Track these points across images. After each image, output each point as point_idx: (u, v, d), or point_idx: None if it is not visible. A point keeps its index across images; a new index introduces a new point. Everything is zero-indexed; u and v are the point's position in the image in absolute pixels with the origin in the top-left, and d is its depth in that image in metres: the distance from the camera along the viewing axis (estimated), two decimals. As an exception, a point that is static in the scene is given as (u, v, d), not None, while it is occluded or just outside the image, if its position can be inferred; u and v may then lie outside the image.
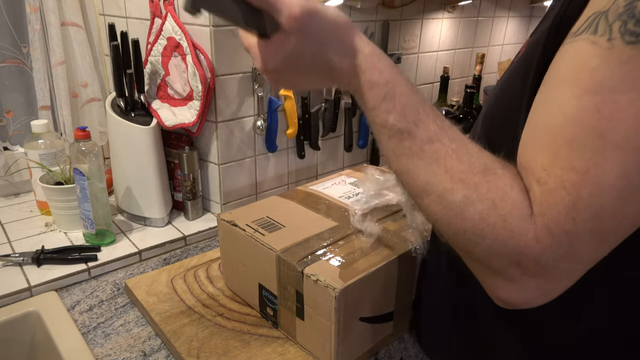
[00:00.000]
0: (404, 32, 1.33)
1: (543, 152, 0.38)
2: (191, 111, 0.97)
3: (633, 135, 0.34)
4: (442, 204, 0.42)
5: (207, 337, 0.70)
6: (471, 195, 0.40)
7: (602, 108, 0.35)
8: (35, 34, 1.03)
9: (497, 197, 0.39)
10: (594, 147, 0.35)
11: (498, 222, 0.38)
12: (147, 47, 1.00)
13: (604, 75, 0.35)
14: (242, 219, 0.75)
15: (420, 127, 0.43)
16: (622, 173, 0.34)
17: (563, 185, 0.36)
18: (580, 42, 0.37)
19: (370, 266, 0.64)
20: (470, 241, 0.40)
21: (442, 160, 0.42)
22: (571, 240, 0.36)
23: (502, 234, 0.38)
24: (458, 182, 0.41)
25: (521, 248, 0.37)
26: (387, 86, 0.45)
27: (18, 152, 1.13)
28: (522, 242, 0.37)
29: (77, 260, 0.87)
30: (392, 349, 0.73)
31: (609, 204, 0.35)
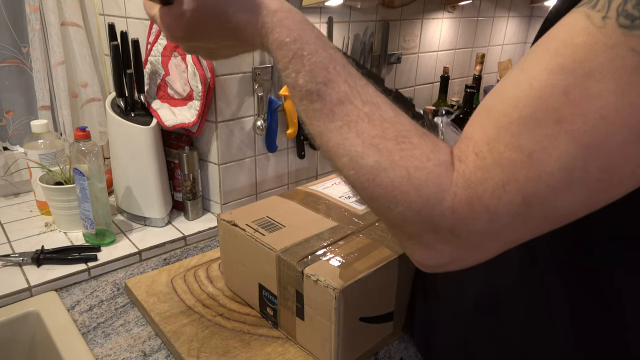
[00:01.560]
0: (404, 32, 1.34)
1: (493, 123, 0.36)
2: (191, 111, 0.97)
3: (591, 129, 0.32)
4: (354, 168, 0.40)
5: (207, 337, 0.70)
6: (383, 162, 0.38)
7: (571, 91, 0.32)
8: (35, 34, 1.03)
9: (411, 165, 0.37)
10: (548, 131, 0.33)
11: (411, 190, 0.37)
12: (147, 47, 1.00)
13: (585, 55, 0.32)
14: (242, 219, 0.75)
15: (330, 87, 0.41)
16: (566, 166, 0.33)
17: (500, 162, 0.34)
18: (576, 14, 0.34)
19: (370, 266, 0.64)
20: (383, 207, 0.39)
21: (354, 123, 0.40)
22: (491, 218, 0.35)
23: (415, 203, 0.37)
24: (370, 147, 0.39)
25: (435, 217, 0.36)
26: (295, 44, 0.42)
27: (18, 152, 1.13)
28: (436, 211, 0.36)
29: (77, 260, 0.87)
30: (392, 349, 0.73)
31: (542, 192, 0.34)
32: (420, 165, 0.37)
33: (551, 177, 0.33)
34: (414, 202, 0.37)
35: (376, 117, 0.40)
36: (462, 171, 0.36)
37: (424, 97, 1.51)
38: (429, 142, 0.39)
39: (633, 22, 0.31)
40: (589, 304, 0.47)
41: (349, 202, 0.82)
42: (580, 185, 0.33)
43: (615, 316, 0.46)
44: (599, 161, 0.32)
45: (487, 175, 0.35)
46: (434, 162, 0.37)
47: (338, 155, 0.41)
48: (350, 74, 0.42)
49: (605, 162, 0.32)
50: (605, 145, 0.32)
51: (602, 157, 0.32)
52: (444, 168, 0.37)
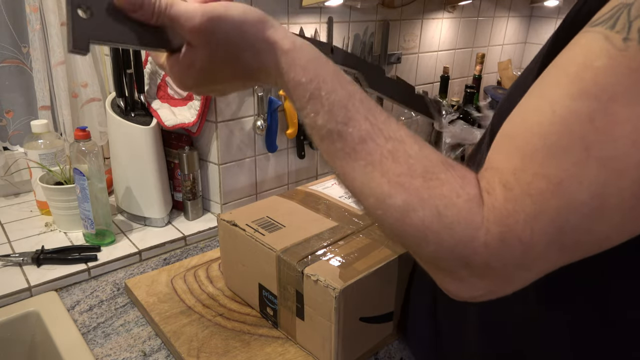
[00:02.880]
0: (404, 32, 1.34)
1: (517, 152, 0.35)
2: (191, 111, 0.97)
3: (622, 155, 0.31)
4: (381, 209, 0.39)
5: (207, 337, 0.70)
6: (412, 201, 0.37)
7: (596, 117, 0.31)
8: (35, 34, 1.03)
9: (440, 204, 0.36)
10: (576, 158, 0.32)
11: (442, 229, 0.36)
12: (147, 47, 1.00)
13: (609, 79, 0.31)
14: (242, 219, 0.75)
15: (350, 126, 0.40)
16: (599, 193, 0.32)
17: (529, 192, 0.33)
18: (593, 34, 0.33)
19: (370, 266, 0.64)
20: (415, 245, 0.39)
21: (378, 162, 0.39)
22: (525, 250, 0.34)
23: (448, 241, 0.36)
24: (396, 186, 0.38)
25: (469, 254, 0.35)
26: (311, 84, 0.41)
27: (18, 152, 1.13)
28: (469, 249, 0.35)
29: (77, 260, 0.87)
30: (392, 349, 0.73)
31: (575, 220, 0.33)
32: (449, 203, 0.36)
33: (584, 206, 0.32)
34: (445, 241, 0.36)
35: (400, 154, 0.39)
36: (491, 205, 0.35)
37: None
38: (456, 176, 0.38)
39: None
40: (590, 317, 0.47)
41: (349, 202, 0.82)
42: (615, 212, 0.32)
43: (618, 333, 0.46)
44: (633, 188, 0.31)
45: (517, 207, 0.34)
46: (463, 198, 0.36)
47: (364, 196, 0.40)
48: (370, 110, 0.41)
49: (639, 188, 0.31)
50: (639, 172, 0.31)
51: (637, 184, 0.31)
52: (474, 203, 0.36)
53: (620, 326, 0.46)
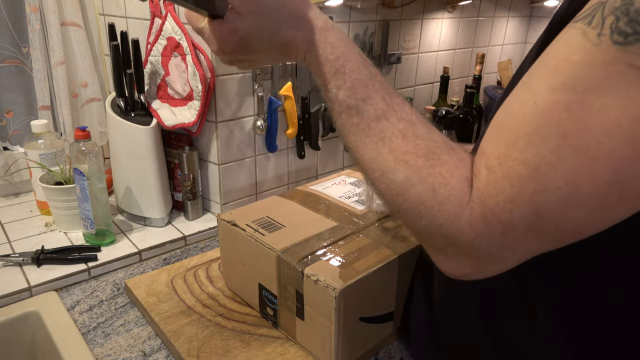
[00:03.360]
0: (404, 32, 1.34)
1: (502, 139, 0.37)
2: (191, 111, 0.97)
3: (595, 143, 0.32)
4: (385, 182, 0.42)
5: (207, 337, 0.70)
6: (412, 177, 0.40)
7: (572, 107, 0.33)
8: (35, 34, 1.03)
9: (436, 182, 0.39)
10: (552, 145, 0.34)
11: (435, 206, 0.39)
12: (147, 47, 1.00)
13: (584, 72, 0.33)
14: (242, 219, 0.75)
15: (368, 103, 0.43)
16: (572, 178, 0.33)
17: (509, 176, 0.36)
18: (574, 30, 0.35)
19: (370, 266, 0.64)
20: (410, 219, 0.42)
21: (388, 139, 0.42)
22: (505, 231, 0.36)
23: (438, 218, 0.39)
24: (401, 163, 0.41)
25: (454, 232, 0.38)
26: (338, 61, 0.44)
27: (18, 152, 1.13)
28: (455, 227, 0.38)
29: (77, 260, 0.87)
30: (392, 349, 0.73)
31: (551, 204, 0.34)
32: (444, 181, 0.39)
33: (559, 190, 0.34)
34: (436, 217, 0.39)
35: (409, 134, 0.42)
36: (476, 186, 0.38)
37: (424, 97, 1.51)
38: (455, 158, 0.41)
39: (626, 38, 0.31)
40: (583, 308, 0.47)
41: (349, 202, 0.82)
42: (590, 198, 0.34)
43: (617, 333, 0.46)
44: (606, 175, 0.33)
45: (498, 189, 0.36)
46: (456, 177, 0.39)
47: (371, 169, 0.44)
48: (388, 92, 0.44)
49: (613, 176, 0.33)
50: (611, 160, 0.32)
51: (610, 171, 0.33)
52: (466, 184, 0.39)
53: (620, 326, 0.46)
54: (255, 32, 0.45)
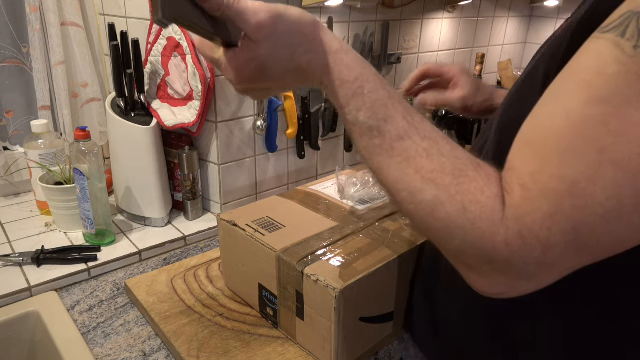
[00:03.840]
0: (404, 32, 1.33)
1: (534, 156, 0.36)
2: (191, 111, 0.97)
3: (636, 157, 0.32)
4: (413, 203, 0.41)
5: (207, 337, 0.70)
6: (441, 196, 0.39)
7: (609, 121, 0.32)
8: (35, 34, 1.03)
9: (466, 200, 0.38)
10: (590, 160, 0.33)
11: (467, 224, 0.38)
12: (147, 47, 1.00)
13: (620, 85, 0.32)
14: (242, 219, 0.75)
15: (389, 123, 0.43)
16: (614, 194, 0.33)
17: (545, 193, 0.35)
18: (603, 41, 0.34)
19: (370, 266, 0.64)
20: (441, 239, 0.41)
21: (412, 159, 0.41)
22: (544, 249, 0.35)
23: (470, 236, 0.38)
24: (428, 182, 0.40)
25: (489, 250, 0.37)
26: (356, 83, 0.44)
27: (18, 152, 1.13)
28: (490, 245, 0.37)
29: (77, 260, 0.87)
30: (392, 349, 0.73)
31: (591, 221, 0.34)
32: (474, 199, 0.38)
33: (600, 206, 0.33)
34: (469, 236, 0.38)
35: (434, 152, 0.41)
36: (509, 203, 0.37)
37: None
38: (483, 174, 0.40)
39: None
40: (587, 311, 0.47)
41: (348, 202, 0.82)
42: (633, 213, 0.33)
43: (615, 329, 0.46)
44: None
45: (533, 206, 0.35)
46: (487, 195, 0.38)
47: (397, 190, 0.42)
48: (408, 111, 0.44)
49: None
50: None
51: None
52: (497, 201, 0.38)
53: (624, 330, 0.46)
54: (271, 59, 0.44)
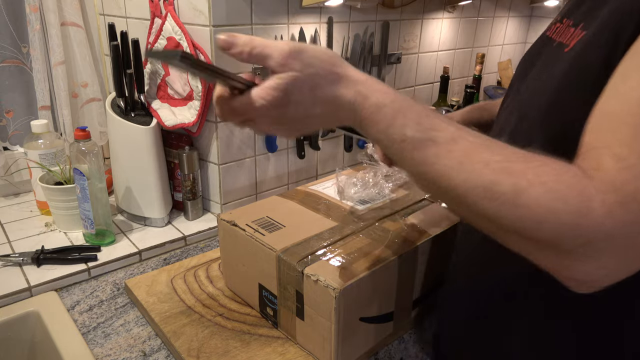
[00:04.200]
0: (404, 32, 1.33)
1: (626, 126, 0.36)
2: (191, 111, 0.97)
3: None
4: (490, 198, 0.39)
5: (207, 337, 0.70)
6: (520, 182, 0.37)
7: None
8: (35, 34, 1.03)
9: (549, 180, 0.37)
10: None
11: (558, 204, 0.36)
12: (147, 47, 1.00)
13: None
14: (242, 219, 0.75)
15: (438, 130, 0.42)
16: None
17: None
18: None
19: (370, 266, 0.64)
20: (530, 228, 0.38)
21: (475, 155, 0.40)
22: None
23: (565, 216, 0.36)
24: (501, 173, 0.38)
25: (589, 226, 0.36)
26: (394, 103, 0.44)
27: (18, 152, 1.13)
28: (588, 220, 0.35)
29: (77, 260, 0.87)
30: (392, 349, 0.73)
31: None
32: (557, 179, 0.37)
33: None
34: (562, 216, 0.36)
35: (494, 146, 0.41)
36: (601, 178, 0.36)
37: (424, 97, 1.51)
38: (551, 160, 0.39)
39: None
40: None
41: (348, 203, 0.82)
42: None
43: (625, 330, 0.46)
44: None
45: (635, 173, 0.35)
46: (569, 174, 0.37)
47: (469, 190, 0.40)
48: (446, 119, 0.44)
49: None
50: None
51: None
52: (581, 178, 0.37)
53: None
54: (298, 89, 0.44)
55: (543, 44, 0.57)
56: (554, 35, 0.55)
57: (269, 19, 1.00)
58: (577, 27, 0.49)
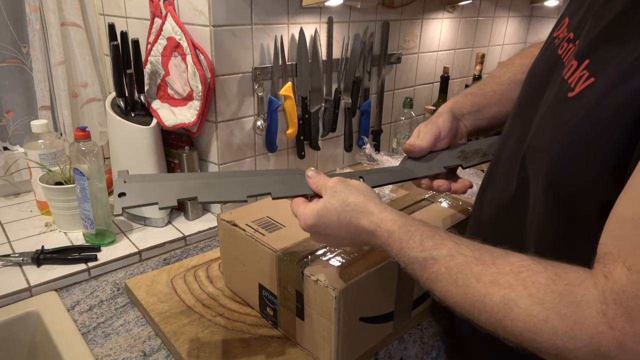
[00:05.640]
0: (404, 32, 1.34)
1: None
2: (191, 111, 0.97)
3: None
4: (485, 311, 0.41)
5: (207, 337, 0.70)
6: (508, 295, 0.39)
7: None
8: (35, 33, 1.03)
9: (537, 292, 0.38)
10: None
11: (550, 315, 0.37)
12: (147, 47, 1.00)
13: None
14: (242, 219, 0.75)
15: (439, 248, 0.47)
16: None
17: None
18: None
19: (370, 266, 0.64)
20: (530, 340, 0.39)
21: (469, 269, 0.43)
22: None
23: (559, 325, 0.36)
24: (491, 285, 0.41)
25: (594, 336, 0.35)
26: (401, 229, 0.50)
27: (18, 152, 1.13)
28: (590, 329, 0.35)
29: (77, 260, 0.87)
30: (392, 349, 0.73)
31: None
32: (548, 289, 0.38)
33: None
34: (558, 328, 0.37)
35: (487, 258, 0.43)
36: (607, 287, 0.35)
37: (424, 97, 1.51)
38: (549, 269, 0.39)
39: None
40: None
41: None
42: None
43: None
44: None
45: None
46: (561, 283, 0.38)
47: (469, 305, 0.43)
48: (454, 236, 0.48)
49: None
50: None
51: None
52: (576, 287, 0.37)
53: None
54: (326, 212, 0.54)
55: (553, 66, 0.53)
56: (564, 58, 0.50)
57: (269, 19, 1.00)
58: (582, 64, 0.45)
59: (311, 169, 0.60)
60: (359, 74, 1.21)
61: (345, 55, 1.19)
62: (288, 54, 1.06)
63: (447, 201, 0.83)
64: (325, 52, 1.13)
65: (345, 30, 1.17)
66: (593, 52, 0.44)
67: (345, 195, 0.54)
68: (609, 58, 0.41)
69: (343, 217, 0.54)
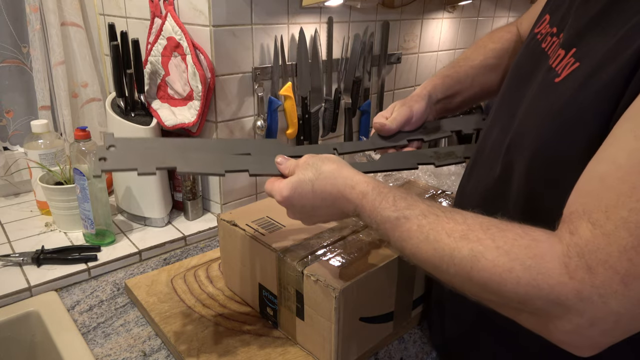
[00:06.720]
0: (404, 32, 1.34)
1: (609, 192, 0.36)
2: (191, 111, 0.97)
3: None
4: (454, 264, 0.42)
5: (207, 337, 0.70)
6: (476, 247, 0.41)
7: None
8: (35, 34, 1.03)
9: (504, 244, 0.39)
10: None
11: (515, 265, 0.38)
12: (147, 47, 1.00)
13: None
14: (242, 219, 0.75)
15: (411, 208, 0.48)
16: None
17: (627, 226, 0.34)
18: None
19: (370, 266, 0.64)
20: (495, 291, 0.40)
21: (440, 226, 0.44)
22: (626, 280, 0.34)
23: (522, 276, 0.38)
24: (461, 240, 0.42)
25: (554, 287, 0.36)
26: (375, 190, 0.51)
27: (18, 152, 1.13)
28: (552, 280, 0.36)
29: (77, 260, 0.87)
30: (392, 349, 0.73)
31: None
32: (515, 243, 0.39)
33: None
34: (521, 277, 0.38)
35: (458, 217, 0.44)
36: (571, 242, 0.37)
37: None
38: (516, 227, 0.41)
39: None
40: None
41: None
42: None
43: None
44: None
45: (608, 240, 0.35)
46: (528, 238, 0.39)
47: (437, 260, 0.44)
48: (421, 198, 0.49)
49: None
50: None
51: None
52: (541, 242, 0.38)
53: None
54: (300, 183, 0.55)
55: (537, 58, 0.55)
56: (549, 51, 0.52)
57: (269, 19, 1.00)
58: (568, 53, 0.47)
59: (280, 156, 0.60)
60: (359, 74, 1.21)
61: (345, 55, 1.19)
62: (288, 54, 1.06)
63: (447, 201, 0.83)
64: (325, 52, 1.13)
65: (345, 30, 1.17)
66: (579, 41, 0.46)
67: (319, 165, 0.55)
68: (593, 44, 0.44)
69: (317, 185, 0.54)
